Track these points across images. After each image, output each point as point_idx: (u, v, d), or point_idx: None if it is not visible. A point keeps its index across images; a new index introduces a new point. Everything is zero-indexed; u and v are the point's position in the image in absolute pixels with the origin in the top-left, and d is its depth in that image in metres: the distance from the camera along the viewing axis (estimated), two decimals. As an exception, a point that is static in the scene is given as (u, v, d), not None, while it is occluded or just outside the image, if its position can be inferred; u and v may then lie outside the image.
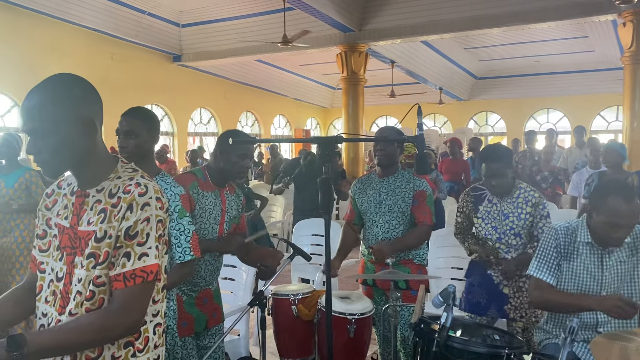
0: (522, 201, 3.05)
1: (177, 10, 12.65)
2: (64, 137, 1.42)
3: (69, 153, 1.44)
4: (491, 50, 14.85)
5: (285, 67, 16.46)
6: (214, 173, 2.71)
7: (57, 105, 1.42)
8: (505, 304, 3.06)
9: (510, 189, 3.08)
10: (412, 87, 16.56)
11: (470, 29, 10.56)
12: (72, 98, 1.45)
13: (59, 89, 1.44)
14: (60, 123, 1.41)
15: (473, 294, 3.17)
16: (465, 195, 3.27)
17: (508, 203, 3.07)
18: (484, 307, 3.10)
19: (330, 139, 1.87)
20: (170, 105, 14.52)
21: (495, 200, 3.10)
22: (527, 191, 3.09)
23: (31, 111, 1.41)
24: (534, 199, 3.05)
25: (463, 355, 2.02)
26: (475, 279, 3.18)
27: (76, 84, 1.48)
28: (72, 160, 1.46)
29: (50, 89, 1.44)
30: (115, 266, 1.42)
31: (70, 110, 1.43)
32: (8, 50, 10.24)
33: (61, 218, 1.53)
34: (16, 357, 1.29)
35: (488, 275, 3.11)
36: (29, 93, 1.44)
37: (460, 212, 3.28)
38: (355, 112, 12.10)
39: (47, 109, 1.41)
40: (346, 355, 2.94)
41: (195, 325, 2.65)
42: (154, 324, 1.54)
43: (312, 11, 9.94)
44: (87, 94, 1.49)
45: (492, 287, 3.10)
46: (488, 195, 3.14)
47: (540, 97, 17.08)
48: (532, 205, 3.03)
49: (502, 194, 3.08)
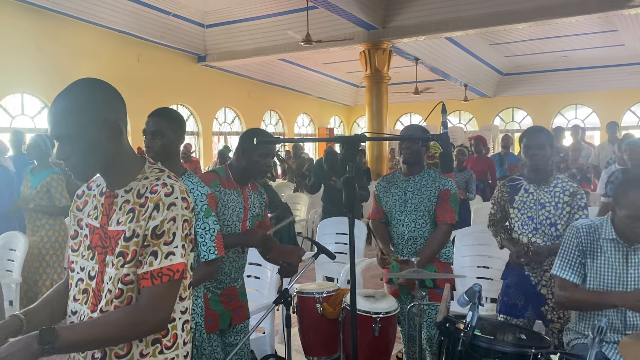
0: (559, 190, 2.97)
1: (202, 11, 12.78)
2: (91, 141, 1.46)
3: (97, 156, 1.48)
4: (517, 46, 14.63)
5: (309, 66, 16.49)
6: (236, 171, 2.74)
7: (83, 110, 1.45)
8: (542, 305, 2.97)
9: (547, 177, 3.00)
10: (437, 84, 16.41)
11: (495, 25, 10.41)
12: (97, 102, 1.48)
13: (83, 94, 1.48)
14: (86, 128, 1.45)
15: (509, 295, 3.07)
16: (501, 185, 3.20)
17: (545, 192, 2.98)
18: (520, 309, 3.02)
19: (354, 138, 1.87)
20: (195, 105, 14.68)
21: (532, 189, 3.01)
22: (565, 181, 3.02)
23: (57, 117, 1.45)
24: (572, 189, 2.96)
25: (489, 354, 2.00)
26: (512, 280, 3.08)
27: (100, 88, 1.51)
28: (100, 163, 1.50)
29: (75, 94, 1.47)
30: (142, 264, 1.45)
31: (95, 114, 1.47)
32: (38, 53, 10.48)
33: (92, 218, 1.57)
34: (48, 349, 1.34)
35: (525, 276, 3.02)
36: (55, 100, 1.48)
37: (495, 203, 3.20)
38: (379, 110, 12.06)
39: (72, 114, 1.45)
40: (371, 353, 2.94)
41: (220, 322, 2.68)
42: (182, 321, 1.57)
43: (335, 9, 9.94)
44: (110, 98, 1.52)
45: (530, 288, 3.00)
46: (525, 185, 3.05)
47: (568, 93, 16.76)
48: (569, 194, 2.94)
49: (539, 182, 3.00)
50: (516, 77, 17.51)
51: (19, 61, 10.21)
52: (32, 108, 11.31)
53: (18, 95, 10.97)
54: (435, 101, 10.17)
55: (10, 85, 10.52)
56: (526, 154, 2.99)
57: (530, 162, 2.99)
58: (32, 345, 1.33)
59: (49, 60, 10.65)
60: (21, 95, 11.02)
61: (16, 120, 11.02)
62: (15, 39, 10.18)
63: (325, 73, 17.60)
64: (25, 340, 1.34)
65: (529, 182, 3.05)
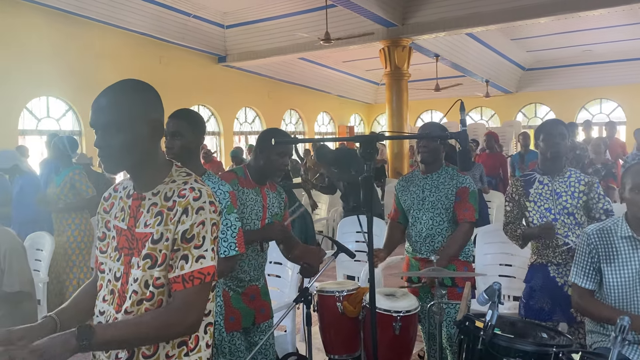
0: (574, 180, 2.94)
1: (221, 11, 12.87)
2: (135, 134, 1.50)
3: (135, 151, 1.51)
4: (539, 40, 14.41)
5: (328, 64, 16.49)
6: (254, 171, 2.77)
7: (133, 103, 1.51)
8: (570, 307, 2.80)
9: (561, 169, 2.97)
10: (458, 80, 16.27)
11: (517, 20, 10.28)
12: (146, 100, 1.54)
13: (134, 90, 1.54)
14: (134, 120, 1.49)
15: (535, 299, 2.98)
16: (515, 181, 3.15)
17: (560, 182, 2.95)
18: (548, 312, 2.92)
19: (372, 137, 1.88)
20: (216, 106, 14.80)
21: (546, 180, 2.97)
22: (578, 172, 3.00)
23: (107, 106, 1.49)
24: (587, 179, 2.94)
25: (509, 353, 1.99)
26: (537, 283, 3.00)
27: (148, 89, 1.57)
28: (136, 159, 1.53)
29: (127, 89, 1.53)
30: (174, 268, 1.48)
31: (143, 110, 1.52)
32: (62, 57, 10.67)
33: (118, 220, 1.60)
34: (84, 346, 1.38)
35: (551, 278, 2.95)
36: (105, 91, 1.52)
37: (510, 200, 3.13)
38: (399, 107, 12.00)
39: (123, 105, 1.49)
40: (392, 352, 2.94)
41: (243, 320, 2.70)
42: (205, 323, 1.60)
43: (354, 7, 9.92)
44: (156, 100, 1.58)
45: (556, 289, 2.92)
46: (538, 177, 3.01)
47: (593, 87, 16.44)
48: (585, 184, 2.91)
49: (553, 173, 2.96)
50: (538, 72, 17.25)
51: (44, 65, 10.42)
52: (57, 110, 11.52)
53: (43, 98, 11.20)
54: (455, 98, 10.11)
55: (36, 89, 10.75)
56: (547, 143, 2.95)
57: (552, 150, 2.93)
58: (70, 341, 1.37)
59: (73, 64, 10.84)
60: (46, 98, 11.25)
61: (42, 122, 11.25)
62: (40, 44, 10.39)
63: (345, 71, 17.57)
64: (64, 336, 1.38)
65: (543, 174, 3.01)
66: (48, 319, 1.57)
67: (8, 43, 9.97)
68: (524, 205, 3.06)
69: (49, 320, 1.56)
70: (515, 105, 18.23)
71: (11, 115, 10.36)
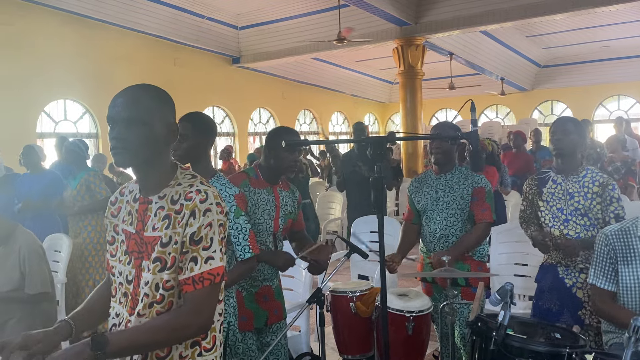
0: (588, 180, 2.84)
1: (235, 13, 12.93)
2: (152, 131, 1.53)
3: (150, 148, 1.54)
4: (555, 37, 14.26)
5: (342, 64, 16.48)
6: (265, 170, 2.78)
7: (155, 102, 1.56)
8: (579, 309, 2.81)
9: (576, 168, 2.89)
10: (472, 78, 16.16)
11: (532, 16, 10.17)
12: (167, 103, 1.60)
13: (156, 92, 1.59)
14: (153, 119, 1.53)
15: (543, 299, 2.95)
16: (529, 180, 3.10)
17: (573, 182, 2.86)
18: (555, 313, 2.88)
19: (381, 139, 1.89)
20: (230, 107, 14.88)
21: (560, 179, 2.90)
22: (595, 172, 2.89)
23: (129, 102, 1.53)
24: (602, 179, 2.83)
25: (522, 353, 1.98)
26: (546, 283, 2.96)
27: (168, 95, 1.62)
28: (148, 156, 1.55)
29: (150, 89, 1.58)
30: (183, 270, 1.50)
31: (164, 111, 1.57)
32: (79, 60, 10.82)
33: (127, 224, 1.63)
34: (100, 356, 1.40)
35: (560, 279, 2.90)
36: (127, 88, 1.57)
37: (524, 199, 3.10)
38: (413, 106, 11.95)
39: (146, 102, 1.54)
40: (405, 352, 2.94)
41: (255, 320, 2.72)
42: (220, 322, 1.62)
43: (367, 7, 9.91)
44: (173, 107, 1.63)
45: (565, 290, 2.87)
46: (552, 176, 2.95)
47: (610, 84, 16.21)
48: (599, 185, 2.81)
49: (567, 172, 2.89)
50: (555, 69, 17.06)
51: (62, 68, 10.57)
52: (74, 113, 11.68)
53: (61, 101, 11.36)
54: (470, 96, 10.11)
55: (53, 92, 10.91)
56: (551, 140, 2.90)
57: (554, 146, 2.87)
58: (84, 352, 1.39)
59: (90, 67, 10.99)
60: (64, 101, 11.41)
61: (59, 125, 11.41)
62: (57, 47, 10.54)
63: (359, 70, 17.55)
64: (78, 347, 1.40)
65: (557, 172, 2.94)
66: (63, 323, 1.59)
67: (26, 47, 10.14)
68: (537, 205, 3.01)
69: (65, 325, 1.59)
70: (531, 102, 18.05)
71: (29, 118, 10.53)
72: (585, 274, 2.81)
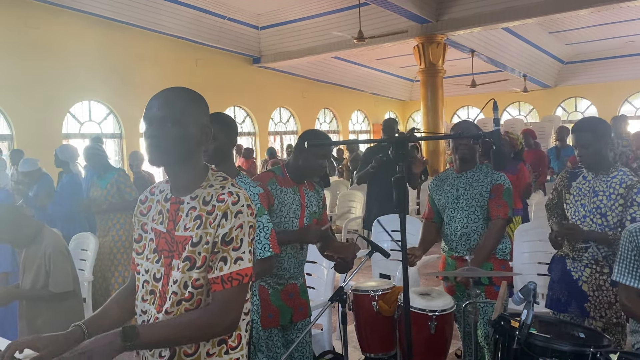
0: (616, 181, 2.85)
1: (255, 13, 13.01)
2: (186, 132, 1.56)
3: (183, 147, 1.57)
4: (579, 33, 14.04)
5: (362, 62, 16.46)
6: (293, 170, 2.82)
7: (190, 104, 1.60)
8: (585, 302, 2.89)
9: (607, 167, 2.88)
10: (494, 75, 16.00)
11: (555, 12, 10.02)
12: (203, 106, 1.63)
13: (192, 95, 1.63)
14: (188, 119, 1.57)
15: (554, 290, 3.04)
16: (564, 172, 3.14)
17: (601, 181, 2.88)
18: (564, 303, 2.96)
19: (403, 139, 1.90)
20: (251, 106, 14.98)
21: (590, 177, 2.93)
22: (626, 174, 2.88)
23: (165, 102, 1.57)
24: (630, 181, 2.82)
25: (546, 353, 1.97)
26: (556, 274, 3.04)
27: (202, 98, 1.66)
28: (182, 155, 1.58)
29: (188, 91, 1.62)
30: (213, 270, 1.53)
31: (198, 113, 1.61)
32: (103, 62, 11.01)
33: (156, 223, 1.66)
34: (129, 346, 1.45)
35: (567, 272, 2.96)
36: (164, 90, 1.61)
37: (554, 189, 3.15)
38: (434, 104, 11.89)
39: (184, 103, 1.58)
40: (428, 351, 2.95)
41: (281, 318, 2.75)
42: (246, 322, 1.65)
43: (387, 5, 9.88)
44: (208, 110, 1.67)
45: (571, 283, 2.93)
46: (584, 173, 2.97)
47: (635, 80, 15.88)
48: (625, 187, 2.80)
49: (597, 170, 2.89)
50: (578, 65, 16.80)
51: (86, 70, 10.77)
52: (99, 114, 11.88)
53: (85, 102, 11.56)
54: (492, 93, 10.10)
55: (78, 94, 11.11)
56: (577, 154, 2.93)
57: (581, 162, 2.93)
58: (115, 342, 1.43)
59: (113, 68, 11.17)
60: (88, 102, 11.61)
61: (84, 126, 11.62)
62: (82, 50, 10.74)
63: (379, 69, 17.51)
64: (109, 337, 1.45)
65: (589, 170, 2.96)
66: (76, 328, 1.61)
67: (51, 50, 10.35)
68: (564, 198, 3.04)
69: (76, 330, 1.61)
70: (555, 99, 17.81)
71: (56, 119, 10.74)
72: (590, 268, 2.89)
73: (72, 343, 1.56)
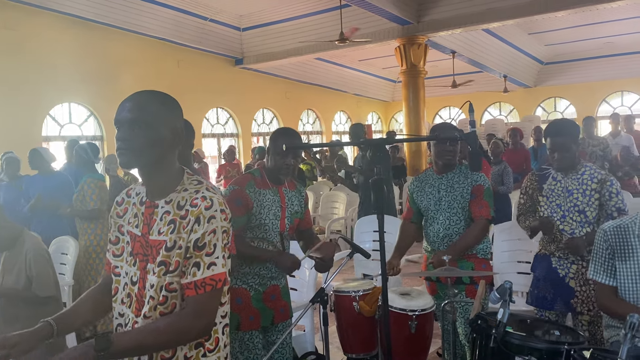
0: (587, 178, 2.94)
1: (238, 14, 12.98)
2: (158, 135, 1.56)
3: (155, 150, 1.57)
4: (558, 34, 14.23)
5: (345, 64, 16.50)
6: (269, 171, 2.83)
7: (163, 107, 1.59)
8: (571, 298, 2.97)
9: (575, 166, 2.98)
10: (475, 76, 16.15)
11: (534, 14, 10.15)
12: (174, 109, 1.63)
13: (163, 98, 1.62)
14: (160, 121, 1.57)
15: (539, 288, 3.10)
16: (531, 175, 3.20)
17: (573, 180, 2.97)
18: (550, 301, 3.03)
19: (380, 141, 1.92)
20: (234, 108, 14.93)
21: (560, 177, 3.01)
22: (593, 169, 2.99)
23: (137, 105, 1.57)
24: (600, 176, 2.93)
25: (522, 351, 2.01)
26: (541, 273, 3.11)
27: (175, 101, 1.66)
28: (153, 158, 1.58)
29: (159, 95, 1.62)
30: (186, 275, 1.53)
31: (171, 116, 1.60)
32: (83, 64, 10.88)
33: (132, 226, 1.66)
34: (103, 356, 1.44)
35: (553, 269, 3.04)
36: (136, 93, 1.61)
37: (524, 193, 3.20)
38: (416, 105, 11.96)
39: (154, 106, 1.58)
40: (409, 350, 2.98)
41: (262, 320, 2.76)
42: (223, 324, 1.65)
43: (368, 6, 9.92)
44: (180, 113, 1.66)
45: (558, 280, 3.01)
46: (553, 174, 3.06)
47: (613, 80, 16.15)
48: (597, 181, 2.91)
49: (567, 170, 2.98)
50: (557, 65, 17.02)
51: (66, 72, 10.63)
52: (79, 116, 11.75)
53: (66, 104, 11.42)
54: (473, 94, 10.19)
55: (58, 96, 10.97)
56: (551, 155, 3.00)
57: (557, 165, 2.99)
58: (88, 353, 1.43)
59: (94, 70, 11.04)
60: (68, 104, 11.47)
61: (65, 128, 11.48)
62: (62, 51, 10.60)
63: (361, 70, 17.57)
64: (83, 348, 1.44)
65: (557, 170, 3.04)
66: (44, 324, 1.60)
67: (31, 52, 10.20)
68: (536, 200, 3.10)
69: (45, 326, 1.60)
70: (534, 99, 18.03)
71: (35, 122, 10.59)
72: (577, 265, 2.97)
73: (40, 339, 1.55)
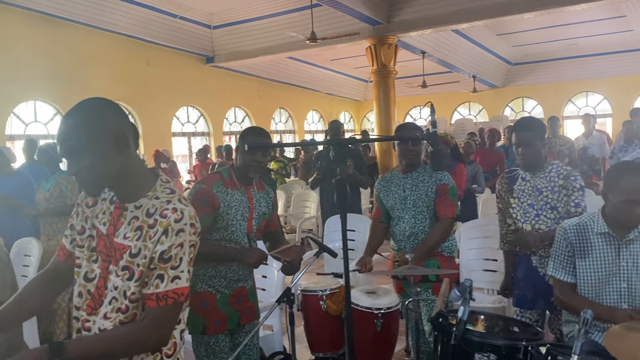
0: (554, 175, 3.00)
1: (208, 12, 12.87)
2: (100, 152, 1.49)
3: (105, 169, 1.51)
4: (525, 35, 14.51)
5: (317, 63, 16.52)
6: (238, 171, 2.80)
7: (90, 123, 1.50)
8: (552, 296, 2.89)
9: (542, 164, 3.03)
10: (445, 76, 16.35)
11: (501, 15, 10.33)
12: (103, 116, 1.53)
13: (89, 110, 1.53)
14: (94, 139, 1.49)
15: (520, 288, 3.10)
16: (501, 178, 3.24)
17: (541, 178, 3.01)
18: (531, 300, 3.03)
19: (344, 141, 1.94)
20: (205, 106, 14.80)
21: (529, 177, 3.05)
22: (559, 165, 3.05)
23: (67, 133, 1.50)
24: (565, 171, 2.99)
25: (482, 348, 2.05)
26: (521, 273, 3.11)
27: (105, 104, 1.56)
28: (109, 176, 1.53)
29: (82, 111, 1.53)
30: (148, 285, 1.50)
31: (102, 126, 1.51)
32: (50, 61, 10.64)
33: (99, 222, 1.61)
34: None
35: (533, 268, 3.04)
36: (63, 119, 1.53)
37: (499, 197, 3.22)
38: (386, 104, 12.04)
39: (81, 128, 1.49)
40: (375, 348, 3.01)
41: (228, 322, 2.73)
42: (179, 330, 1.62)
43: (339, 6, 9.95)
44: (116, 111, 1.57)
45: (538, 279, 3.01)
46: (521, 174, 3.09)
47: (578, 81, 16.57)
48: (563, 177, 2.97)
49: (534, 169, 3.02)
50: (525, 66, 17.35)
51: (32, 69, 10.39)
52: (45, 115, 11.50)
53: (31, 102, 11.16)
54: (443, 94, 10.28)
55: (23, 93, 10.71)
56: (516, 151, 3.03)
57: (521, 160, 3.02)
58: (41, 358, 1.40)
59: (61, 68, 10.82)
60: (34, 102, 11.21)
61: (30, 127, 11.22)
62: (27, 48, 10.36)
63: (333, 69, 17.61)
64: (36, 352, 1.41)
65: (525, 170, 3.08)
66: None
67: (-6, 48, 9.96)
68: (508, 202, 3.14)
69: None
70: (503, 99, 18.35)
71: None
72: None
73: None
